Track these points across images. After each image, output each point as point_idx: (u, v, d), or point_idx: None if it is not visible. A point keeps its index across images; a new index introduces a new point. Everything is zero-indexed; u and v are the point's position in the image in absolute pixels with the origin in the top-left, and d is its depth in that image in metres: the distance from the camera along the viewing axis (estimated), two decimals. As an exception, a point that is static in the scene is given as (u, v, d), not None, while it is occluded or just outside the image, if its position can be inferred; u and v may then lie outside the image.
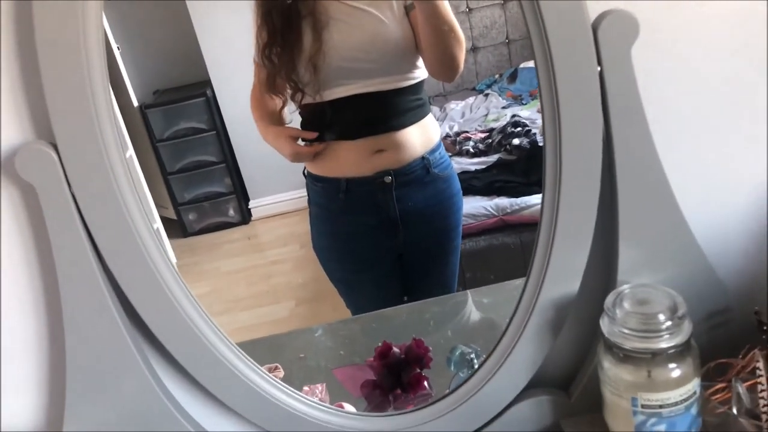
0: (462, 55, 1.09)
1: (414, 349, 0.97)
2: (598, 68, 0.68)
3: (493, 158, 2.66)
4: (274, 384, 0.83)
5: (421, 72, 1.17)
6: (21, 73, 0.70)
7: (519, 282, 1.14)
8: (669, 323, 0.70)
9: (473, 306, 1.23)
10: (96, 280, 0.74)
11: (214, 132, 3.08)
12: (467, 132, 2.99)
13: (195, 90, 3.45)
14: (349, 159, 1.17)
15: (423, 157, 1.20)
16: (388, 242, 1.25)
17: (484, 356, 0.88)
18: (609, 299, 0.74)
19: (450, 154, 2.90)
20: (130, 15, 3.30)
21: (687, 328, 0.71)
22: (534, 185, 2.26)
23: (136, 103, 3.16)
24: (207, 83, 3.38)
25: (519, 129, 2.76)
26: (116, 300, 0.77)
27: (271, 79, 1.15)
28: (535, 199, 2.04)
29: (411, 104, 1.17)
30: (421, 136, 1.19)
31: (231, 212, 3.50)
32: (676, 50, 0.74)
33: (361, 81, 1.11)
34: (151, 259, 0.75)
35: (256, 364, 0.83)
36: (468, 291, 1.26)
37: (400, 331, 1.19)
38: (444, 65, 1.12)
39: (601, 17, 0.66)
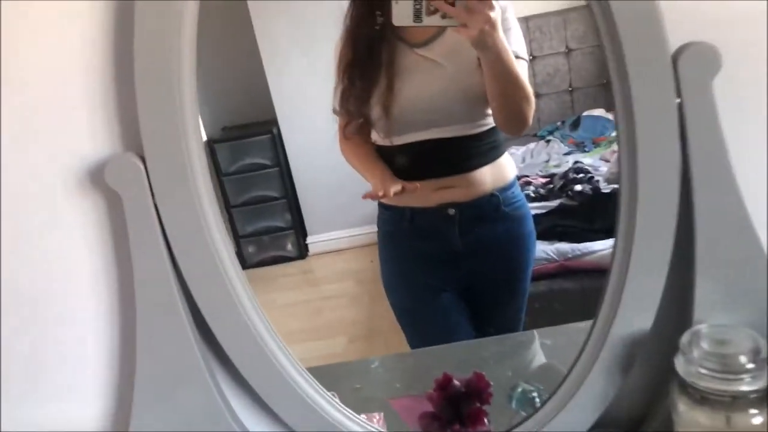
0: (529, 110, 1.09)
1: (475, 383, 0.95)
2: (678, 100, 0.67)
3: (554, 203, 2.63)
4: (338, 409, 0.83)
5: (491, 120, 1.18)
6: (114, 85, 0.74)
7: (584, 325, 1.12)
8: (751, 365, 0.67)
9: (536, 347, 1.20)
10: (172, 293, 0.77)
11: (278, 168, 3.16)
12: (528, 176, 2.98)
13: (261, 127, 3.55)
14: (414, 193, 1.18)
15: (492, 194, 1.20)
16: (451, 274, 1.25)
17: (547, 395, 0.86)
18: (685, 338, 0.71)
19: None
20: (201, 52, 3.46)
21: (768, 372, 0.68)
22: (597, 232, 2.22)
23: (205, 138, 3.28)
24: (273, 121, 3.49)
25: (582, 175, 2.73)
26: (189, 314, 0.79)
27: (351, 124, 1.19)
28: (598, 245, 2.00)
29: (482, 148, 1.18)
30: (492, 175, 1.19)
31: (289, 247, 3.56)
32: (759, 84, 0.72)
33: (432, 128, 1.14)
34: (227, 277, 0.77)
35: (322, 388, 0.83)
36: (531, 331, 1.23)
37: (458, 368, 1.17)
38: (509, 118, 1.12)
39: (682, 49, 0.66)
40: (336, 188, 1.90)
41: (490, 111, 1.15)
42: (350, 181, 1.51)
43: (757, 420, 0.68)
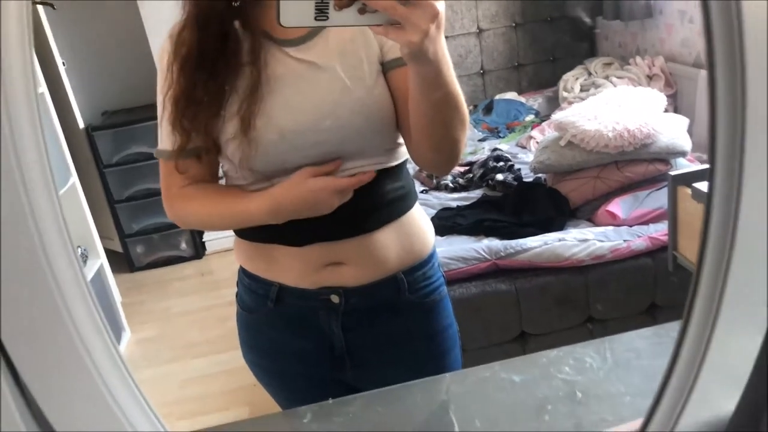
0: (464, 141, 0.77)
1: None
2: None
3: (476, 194, 2.48)
4: None
5: (401, 151, 0.84)
6: None
7: (554, 354, 0.93)
8: None
9: (501, 384, 0.99)
10: None
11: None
12: (444, 166, 2.82)
13: (148, 112, 3.17)
14: (290, 266, 0.84)
15: (395, 278, 0.86)
16: (335, 374, 0.91)
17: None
18: None
19: (427, 188, 2.72)
20: (79, 28, 3.04)
21: None
22: (527, 226, 2.08)
23: (82, 125, 2.88)
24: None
25: (501, 164, 2.60)
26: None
27: (182, 153, 0.80)
28: (531, 242, 1.84)
29: (387, 197, 0.83)
30: (398, 246, 0.85)
31: (183, 245, 3.22)
32: None
33: (314, 164, 0.78)
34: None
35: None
36: (494, 364, 1.01)
37: (411, 413, 0.95)
38: (440, 154, 0.79)
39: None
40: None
41: (399, 140, 0.83)
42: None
43: None
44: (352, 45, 0.79)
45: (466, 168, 2.69)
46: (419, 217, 0.89)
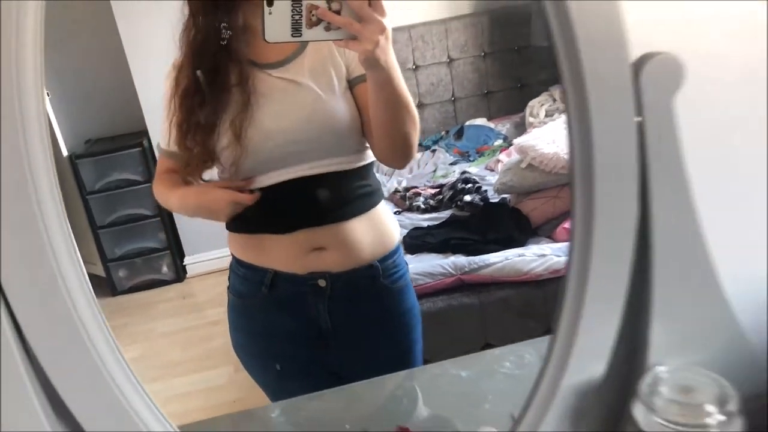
0: (416, 137, 0.95)
1: (401, 439, 0.84)
2: (638, 119, 0.59)
3: (445, 214, 2.60)
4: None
5: (367, 154, 1.02)
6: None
7: (498, 351, 1.04)
8: (720, 418, 0.60)
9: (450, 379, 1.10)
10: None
11: (149, 184, 2.87)
12: (416, 188, 2.94)
13: (130, 140, 3.27)
14: (280, 253, 1.00)
15: (371, 265, 1.03)
16: (318, 355, 1.06)
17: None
18: (644, 384, 0.63)
19: (400, 209, 2.83)
20: (62, 58, 3.14)
21: (739, 425, 0.61)
22: (491, 243, 2.20)
23: (65, 153, 2.97)
24: (143, 133, 3.19)
25: (470, 185, 2.73)
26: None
27: (188, 167, 0.98)
28: (493, 257, 1.98)
29: (356, 192, 1.01)
30: (370, 236, 1.02)
31: (164, 269, 3.30)
32: (720, 104, 0.66)
33: (296, 166, 0.96)
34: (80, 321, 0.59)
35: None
36: (446, 362, 1.12)
37: (370, 410, 1.05)
38: (396, 148, 0.97)
39: (643, 59, 0.58)
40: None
41: (365, 144, 1.00)
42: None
43: (729, 476, 0.61)
44: (323, 66, 0.95)
45: (437, 190, 2.82)
46: (385, 213, 1.06)
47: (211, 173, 1.02)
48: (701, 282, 0.65)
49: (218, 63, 0.93)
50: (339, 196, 0.99)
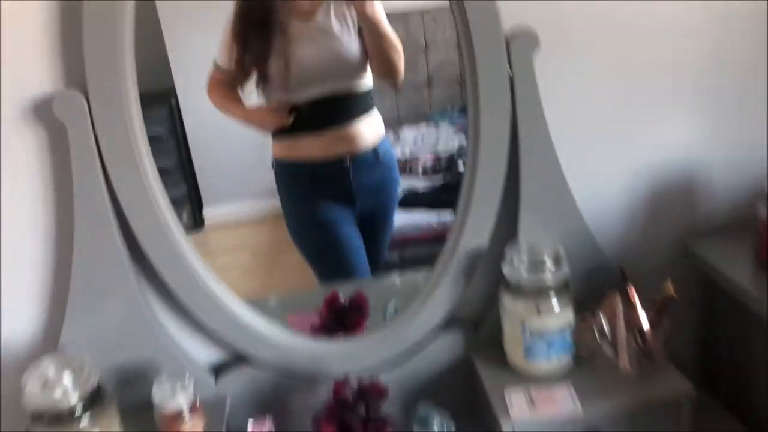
0: (400, 62, 1.35)
1: (356, 299, 1.17)
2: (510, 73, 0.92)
3: (440, 180, 2.90)
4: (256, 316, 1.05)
5: (369, 80, 1.44)
6: (61, 30, 0.89)
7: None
8: (553, 265, 0.93)
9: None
10: (106, 213, 0.92)
11: (173, 140, 3.22)
12: (418, 157, 3.24)
13: (159, 99, 3.57)
14: (315, 146, 1.43)
15: (374, 148, 1.47)
16: (347, 209, 1.52)
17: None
18: (509, 248, 0.97)
19: (402, 174, 3.13)
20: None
21: (566, 271, 0.94)
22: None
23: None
24: (171, 92, 3.50)
25: (465, 157, 3.02)
26: (121, 233, 0.95)
27: (237, 80, 1.38)
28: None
29: (363, 102, 1.45)
30: (370, 130, 1.46)
31: (184, 218, 3.64)
32: (570, 62, 0.99)
33: (323, 85, 1.37)
34: (155, 201, 0.94)
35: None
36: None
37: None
38: (386, 69, 1.39)
39: (512, 31, 0.91)
40: (234, 158, 1.98)
41: (369, 73, 1.42)
42: (249, 152, 1.66)
43: (556, 306, 0.94)
44: (341, 18, 1.35)
45: (436, 160, 3.12)
46: (377, 116, 1.48)
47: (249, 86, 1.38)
48: (555, 186, 0.99)
49: (266, 17, 1.32)
50: (352, 105, 1.41)
